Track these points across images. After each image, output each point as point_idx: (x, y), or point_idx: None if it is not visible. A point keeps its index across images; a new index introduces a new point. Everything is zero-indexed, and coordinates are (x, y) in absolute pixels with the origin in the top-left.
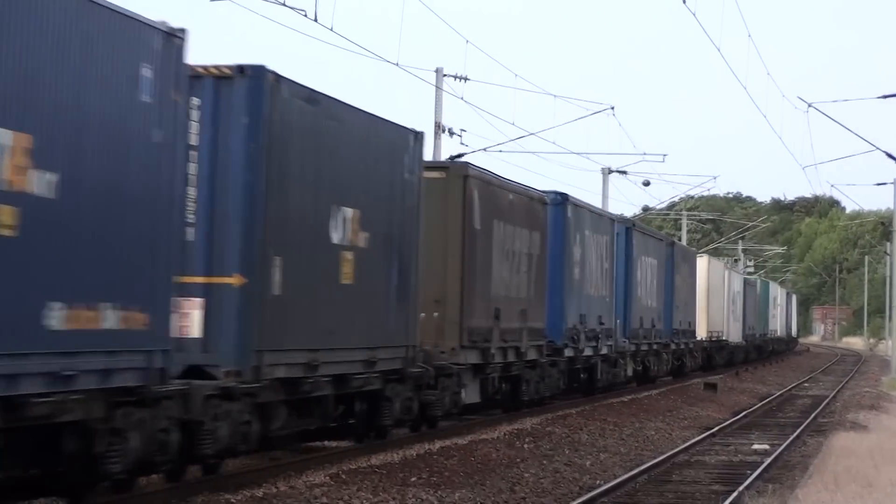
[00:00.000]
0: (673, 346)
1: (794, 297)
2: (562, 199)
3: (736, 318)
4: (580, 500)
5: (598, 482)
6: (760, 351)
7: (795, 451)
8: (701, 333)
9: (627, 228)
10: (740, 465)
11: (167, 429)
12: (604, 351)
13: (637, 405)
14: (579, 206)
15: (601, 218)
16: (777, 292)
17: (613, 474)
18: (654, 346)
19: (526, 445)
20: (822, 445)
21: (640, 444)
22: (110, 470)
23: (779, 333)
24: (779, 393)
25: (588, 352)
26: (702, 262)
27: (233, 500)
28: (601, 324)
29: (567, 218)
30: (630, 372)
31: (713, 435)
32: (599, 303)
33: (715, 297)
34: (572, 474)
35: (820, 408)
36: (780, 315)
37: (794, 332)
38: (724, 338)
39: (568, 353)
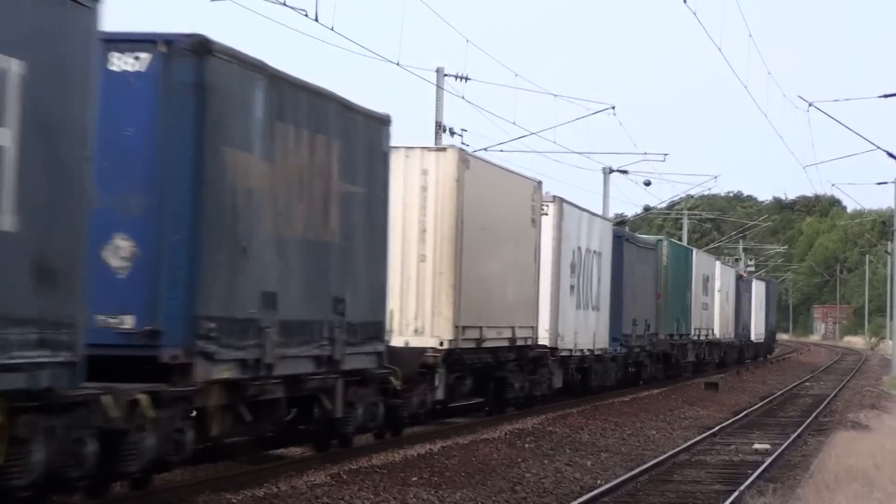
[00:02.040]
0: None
1: (763, 286)
2: None
3: (586, 302)
4: (581, 499)
5: (599, 482)
6: (668, 363)
7: (796, 451)
8: (439, 334)
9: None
10: (741, 464)
11: None
12: None
13: (638, 405)
14: None
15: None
16: (715, 269)
17: (614, 474)
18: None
19: (527, 445)
20: (823, 445)
21: (641, 443)
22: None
23: (717, 333)
24: (780, 392)
25: None
26: (443, 163)
27: (234, 500)
28: None
29: None
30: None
31: (714, 434)
32: None
33: (495, 250)
34: (573, 474)
35: (821, 407)
36: (726, 306)
37: (755, 332)
38: (538, 341)
39: None
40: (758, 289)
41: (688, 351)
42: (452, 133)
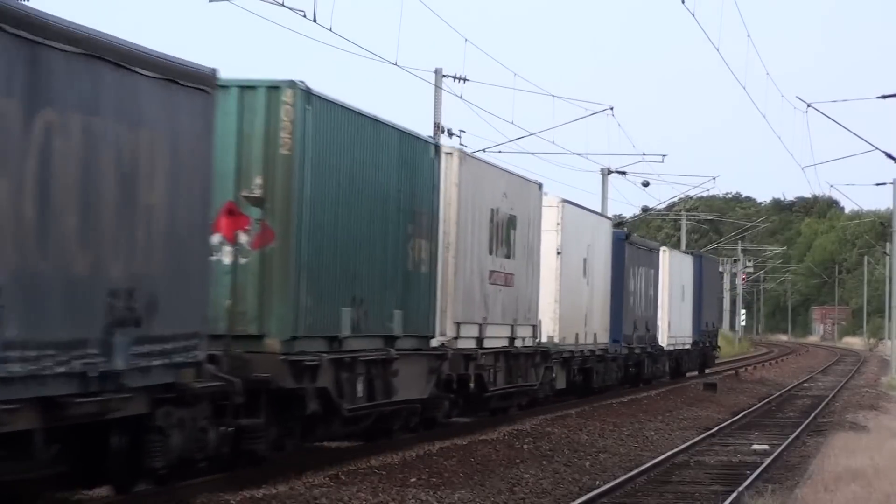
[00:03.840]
0: None
1: (689, 261)
2: None
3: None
4: (580, 500)
5: (597, 483)
6: (287, 420)
7: (795, 452)
8: None
9: None
10: (740, 465)
11: None
12: None
13: (636, 405)
14: None
15: None
16: (543, 209)
17: (613, 475)
18: None
19: (525, 446)
20: (821, 445)
21: (640, 444)
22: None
23: (556, 336)
24: (778, 393)
25: None
26: None
27: (232, 501)
28: None
29: None
30: None
31: (713, 435)
32: None
33: None
34: (572, 475)
35: (819, 408)
36: (581, 286)
37: (671, 334)
38: None
39: None
40: (678, 265)
41: (394, 382)
42: (451, 134)
